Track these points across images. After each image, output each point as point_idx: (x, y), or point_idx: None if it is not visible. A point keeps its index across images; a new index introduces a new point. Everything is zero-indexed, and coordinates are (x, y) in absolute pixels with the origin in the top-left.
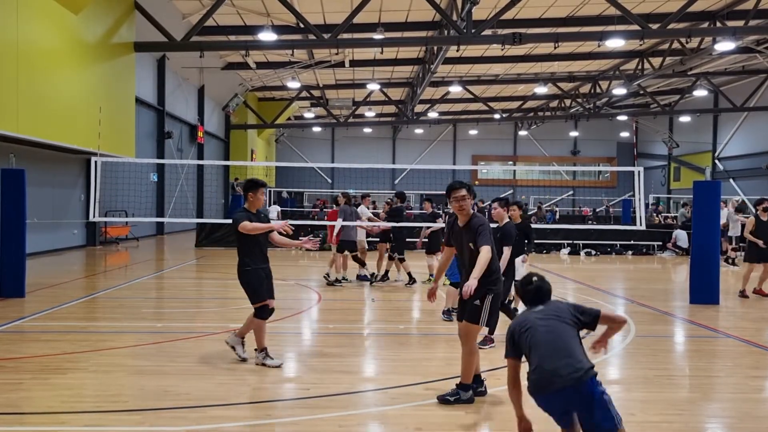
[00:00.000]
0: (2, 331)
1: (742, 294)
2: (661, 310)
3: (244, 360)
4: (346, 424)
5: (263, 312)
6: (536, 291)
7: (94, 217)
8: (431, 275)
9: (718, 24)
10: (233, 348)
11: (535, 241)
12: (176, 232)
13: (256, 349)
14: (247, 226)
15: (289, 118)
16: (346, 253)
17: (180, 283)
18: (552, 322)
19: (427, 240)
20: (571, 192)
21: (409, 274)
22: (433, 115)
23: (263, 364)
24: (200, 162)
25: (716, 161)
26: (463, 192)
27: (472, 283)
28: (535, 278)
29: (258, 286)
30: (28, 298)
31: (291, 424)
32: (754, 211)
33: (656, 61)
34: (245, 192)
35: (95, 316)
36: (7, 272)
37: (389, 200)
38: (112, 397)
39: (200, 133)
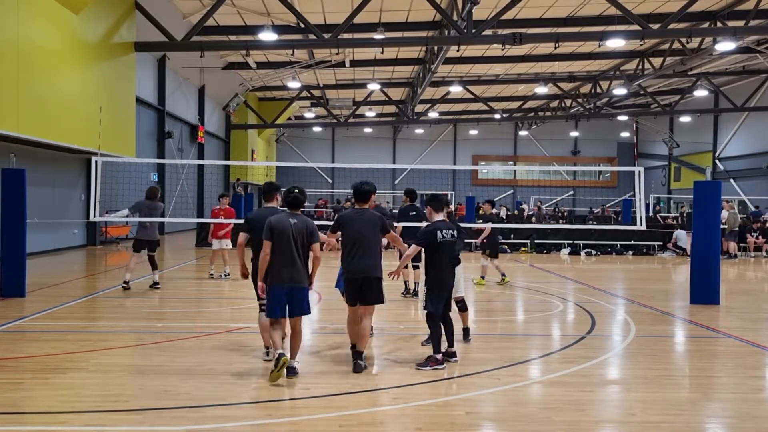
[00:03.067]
0: (2, 331)
1: None
2: (662, 310)
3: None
4: (346, 424)
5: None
6: (294, 200)
7: (94, 216)
8: (503, 275)
9: (719, 24)
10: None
11: (535, 242)
12: (176, 232)
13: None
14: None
15: (289, 118)
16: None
17: (180, 283)
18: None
19: (485, 241)
20: (571, 192)
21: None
22: (433, 115)
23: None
24: (201, 162)
25: (716, 161)
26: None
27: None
28: (296, 190)
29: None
30: (29, 297)
31: (291, 424)
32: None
33: (657, 61)
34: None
35: (95, 315)
36: (7, 272)
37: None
38: (112, 397)
39: (201, 133)
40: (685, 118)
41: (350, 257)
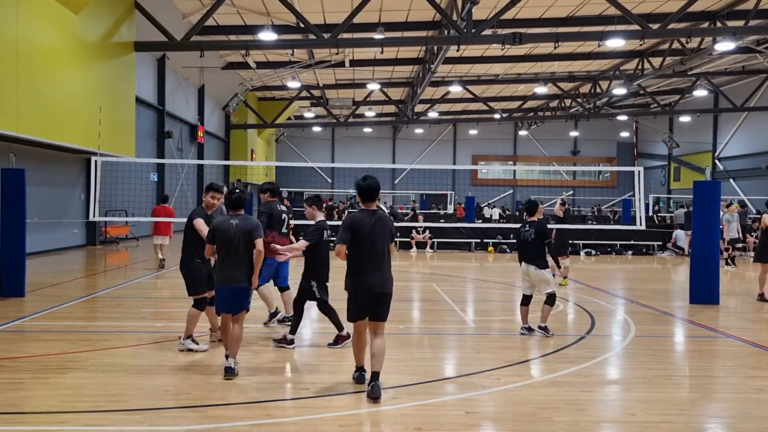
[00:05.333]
0: (2, 331)
1: (762, 298)
2: (661, 310)
3: (205, 350)
4: (346, 424)
5: (202, 303)
6: (237, 200)
7: (94, 216)
8: (565, 276)
9: (718, 24)
10: (190, 350)
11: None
12: (176, 231)
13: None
14: (199, 225)
15: (289, 118)
16: None
17: (180, 283)
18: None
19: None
20: (571, 192)
21: None
22: (433, 114)
23: (189, 350)
24: (200, 162)
25: (716, 161)
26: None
27: None
28: (237, 190)
29: (200, 278)
30: (28, 297)
31: (291, 423)
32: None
33: (656, 61)
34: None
35: (95, 315)
36: (7, 272)
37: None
38: (112, 397)
39: (200, 133)
40: (685, 118)
41: (361, 269)
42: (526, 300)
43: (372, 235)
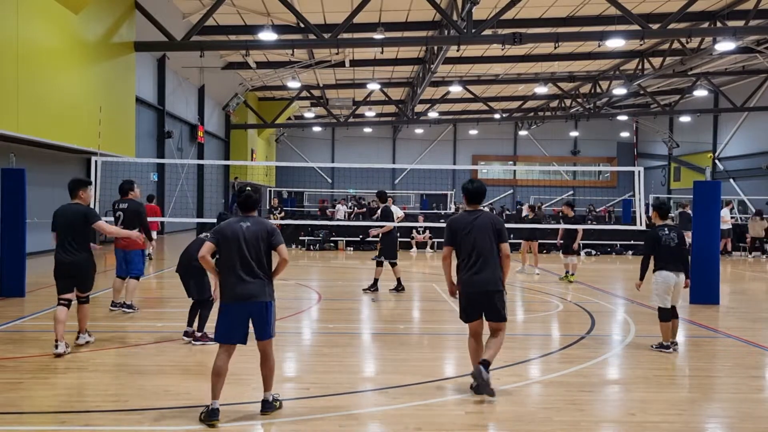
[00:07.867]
0: (2, 331)
1: None
2: None
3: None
4: (346, 424)
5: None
6: (246, 200)
7: None
8: (567, 272)
9: (719, 24)
10: (87, 342)
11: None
12: (176, 231)
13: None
14: (104, 225)
15: (289, 118)
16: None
17: (178, 283)
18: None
19: (563, 241)
20: (571, 192)
21: (398, 279)
22: (433, 114)
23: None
24: (200, 162)
25: (716, 161)
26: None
27: None
28: (248, 188)
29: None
30: (28, 297)
31: (291, 423)
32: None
33: (656, 61)
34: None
35: (95, 316)
36: (7, 272)
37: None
38: (112, 397)
39: (200, 133)
40: (685, 118)
41: (466, 269)
42: (673, 313)
43: (471, 234)
